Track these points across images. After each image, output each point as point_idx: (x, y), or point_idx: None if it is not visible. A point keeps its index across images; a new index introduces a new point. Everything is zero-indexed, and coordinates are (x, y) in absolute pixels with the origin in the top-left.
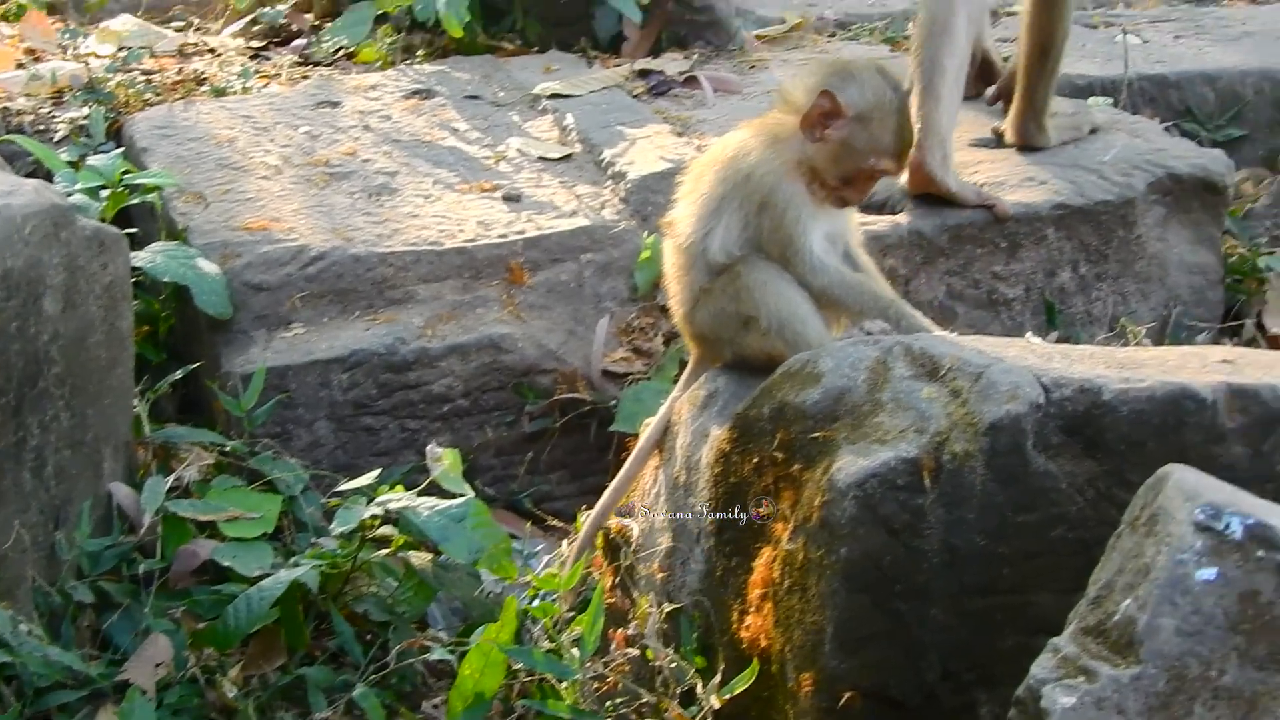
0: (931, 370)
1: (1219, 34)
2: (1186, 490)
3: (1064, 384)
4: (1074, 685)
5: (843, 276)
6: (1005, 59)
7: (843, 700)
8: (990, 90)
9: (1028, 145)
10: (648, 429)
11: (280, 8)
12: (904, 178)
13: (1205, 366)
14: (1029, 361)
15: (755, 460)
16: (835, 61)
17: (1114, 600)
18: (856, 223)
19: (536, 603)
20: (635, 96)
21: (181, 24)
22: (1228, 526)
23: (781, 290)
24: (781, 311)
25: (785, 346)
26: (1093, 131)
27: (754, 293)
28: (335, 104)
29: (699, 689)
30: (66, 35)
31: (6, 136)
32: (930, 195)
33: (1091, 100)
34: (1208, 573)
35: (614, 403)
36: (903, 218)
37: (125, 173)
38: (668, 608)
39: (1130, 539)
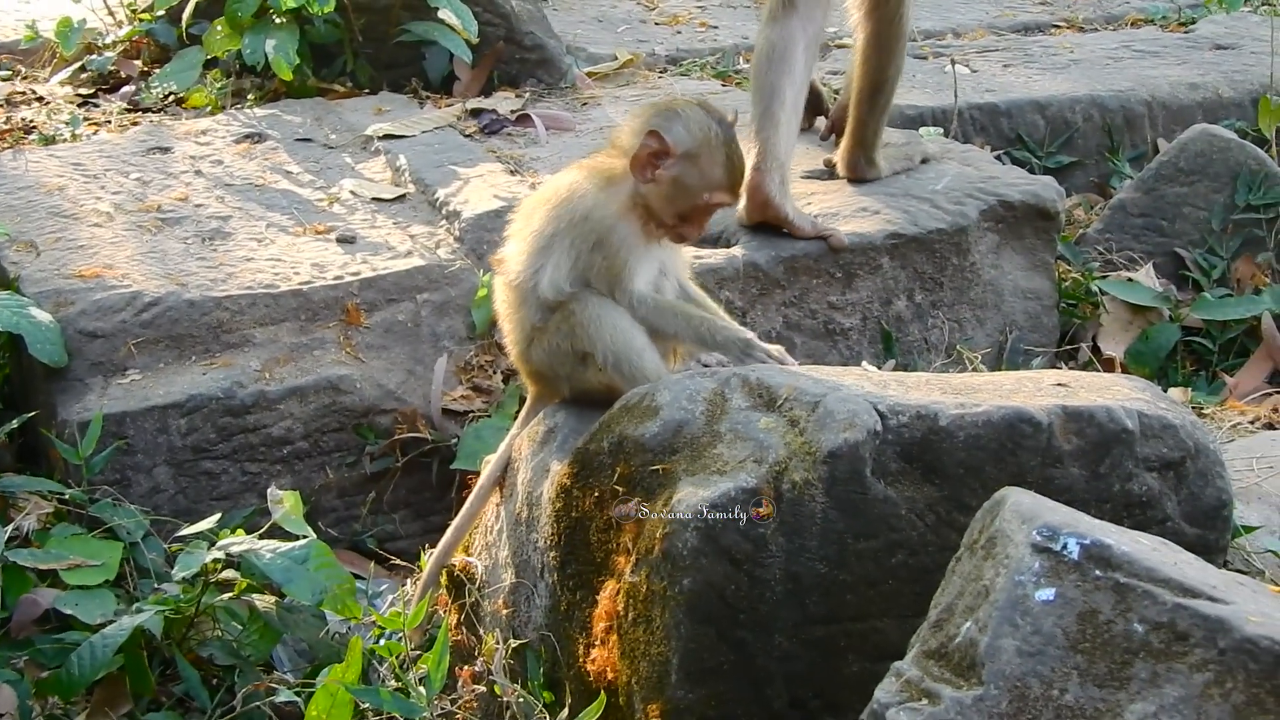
0: (769, 400)
1: (1047, 62)
2: (1023, 512)
3: (901, 411)
4: (917, 708)
5: (657, 303)
6: (835, 92)
7: None
8: (822, 122)
9: (860, 178)
10: (488, 466)
11: (109, 55)
12: (741, 205)
13: (1040, 390)
14: (866, 389)
15: (596, 494)
16: (660, 102)
17: (955, 623)
18: (686, 257)
19: (382, 642)
20: (468, 136)
21: (8, 72)
22: (1064, 547)
23: (615, 324)
24: (616, 346)
25: (622, 380)
26: (924, 161)
27: (588, 328)
28: (166, 150)
29: None
30: None
31: None
32: (766, 225)
33: (923, 130)
34: (1046, 593)
35: (455, 441)
36: (737, 250)
37: None
38: (514, 643)
39: (969, 562)
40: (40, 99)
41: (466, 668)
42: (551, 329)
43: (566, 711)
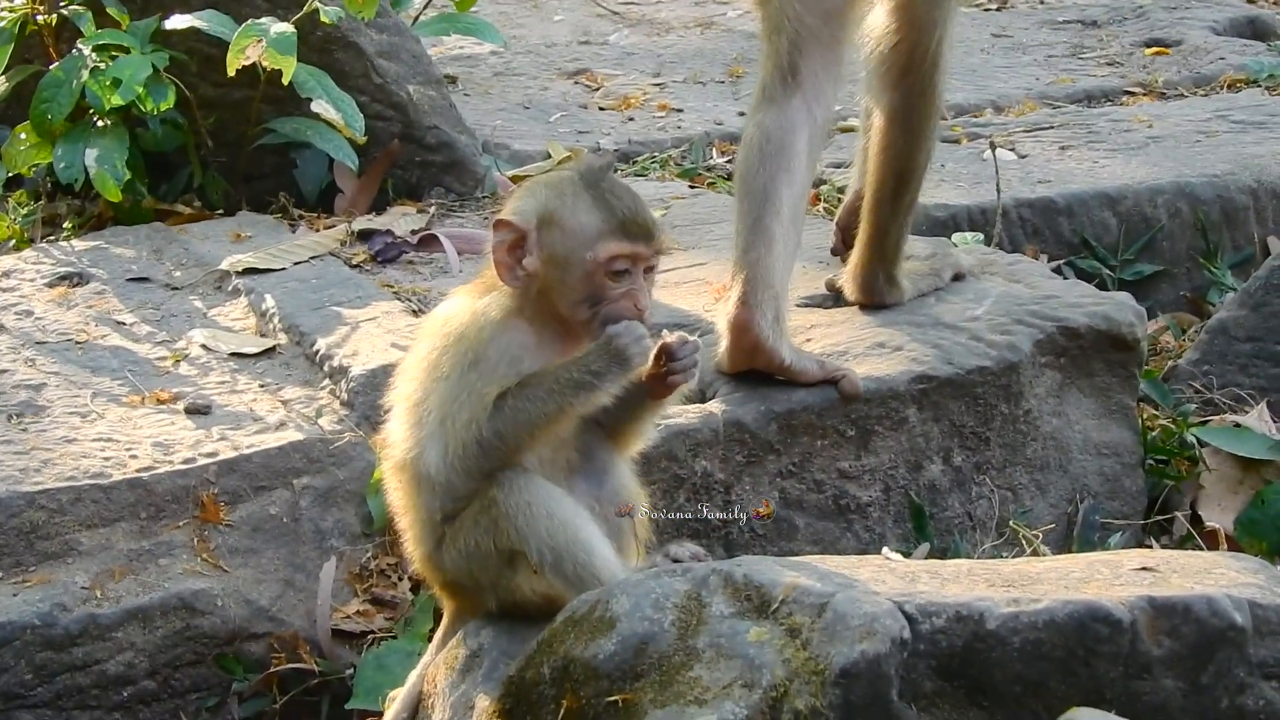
0: (760, 604)
1: (1118, 141)
2: None
3: (935, 612)
4: None
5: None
6: (840, 191)
7: None
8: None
9: (877, 303)
10: (394, 705)
11: None
12: (723, 347)
13: (1119, 578)
14: (888, 585)
15: None
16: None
17: None
18: None
19: None
20: (355, 266)
21: None
22: None
23: (553, 511)
24: (556, 540)
25: (565, 585)
26: (958, 278)
27: (515, 519)
28: None
29: None
30: None
31: None
32: (755, 371)
33: (956, 237)
34: None
35: (350, 672)
36: (715, 406)
37: None
38: None
39: None
40: None
41: None
42: (466, 524)
43: None
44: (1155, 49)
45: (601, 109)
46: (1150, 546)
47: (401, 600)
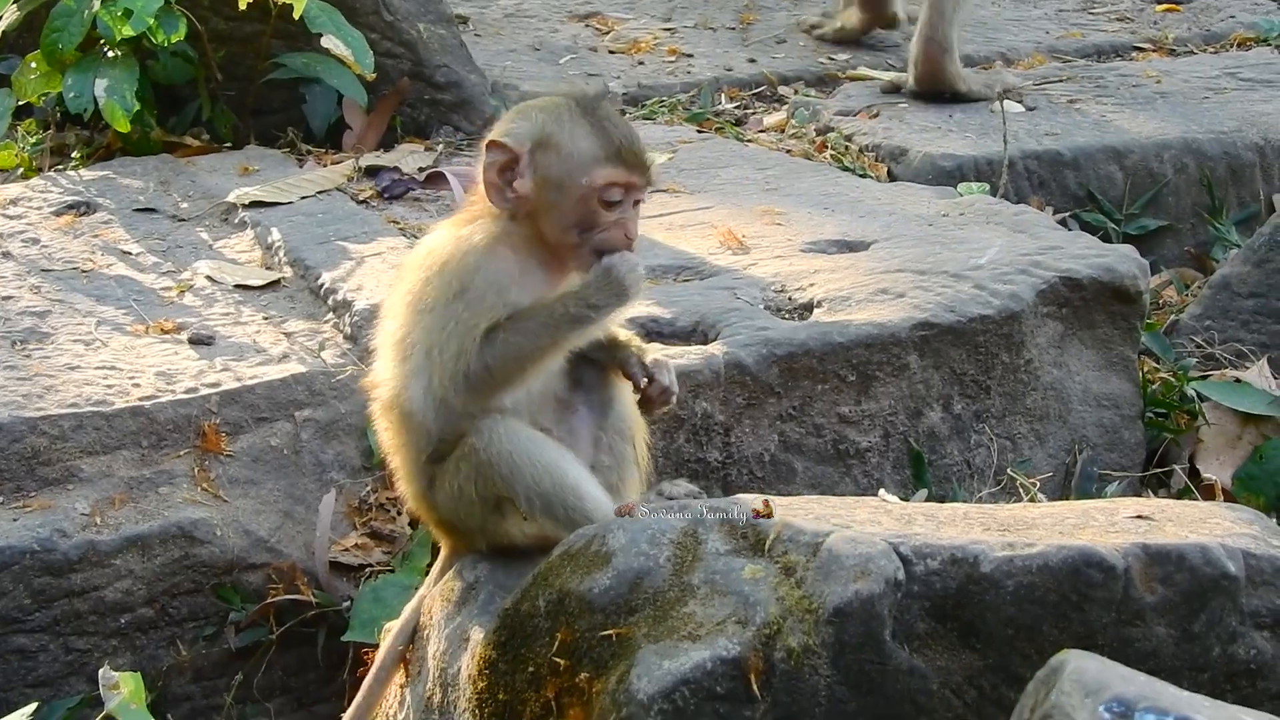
0: (755, 542)
1: (1126, 96)
2: (1087, 682)
3: (930, 554)
4: None
5: (505, 335)
6: (848, 139)
7: None
8: None
9: (939, 79)
10: (390, 636)
11: None
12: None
13: (1114, 525)
14: (883, 526)
15: (530, 669)
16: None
17: None
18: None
19: None
20: (362, 202)
21: None
22: None
23: (537, 456)
24: (543, 485)
25: (557, 527)
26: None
27: (498, 468)
28: None
29: None
30: None
31: None
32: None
33: (962, 187)
34: None
35: (347, 605)
36: (717, 348)
37: None
38: None
39: None
40: None
41: None
42: (450, 470)
43: None
44: (1166, 5)
45: (611, 53)
46: (1146, 497)
47: (399, 534)
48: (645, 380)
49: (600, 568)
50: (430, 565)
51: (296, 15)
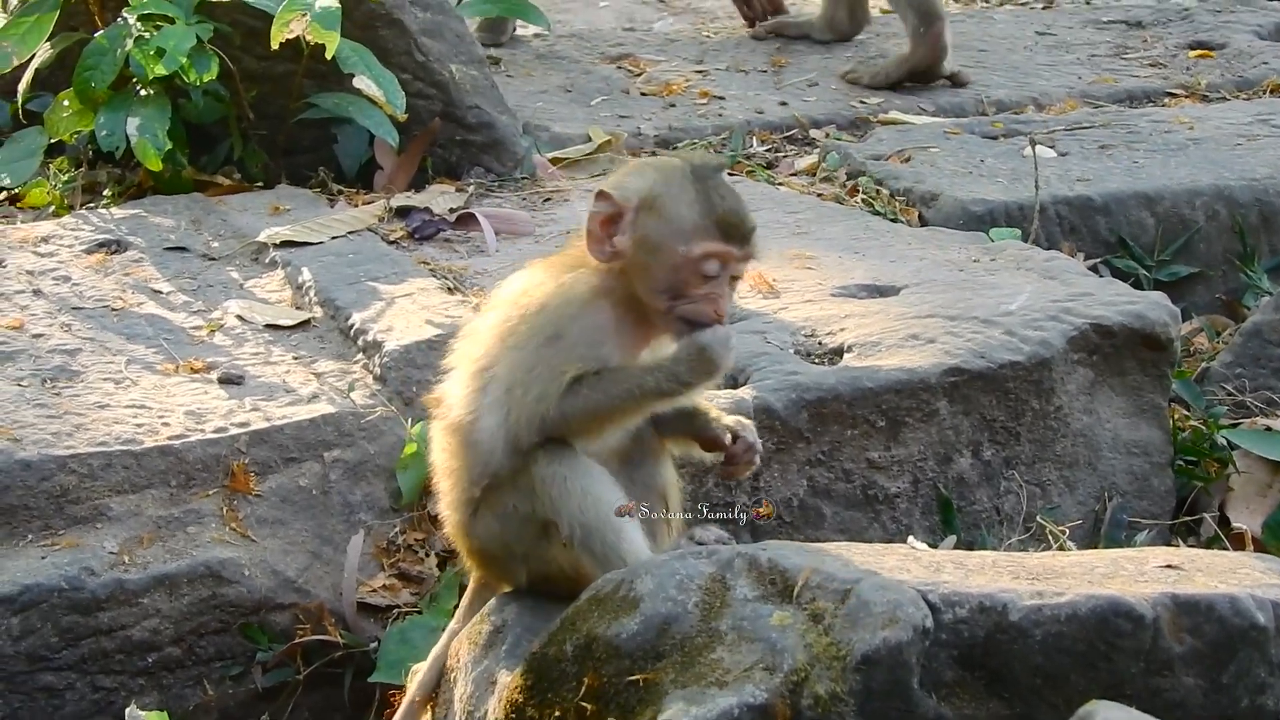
0: (784, 588)
1: (1158, 142)
2: None
3: (958, 602)
4: None
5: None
6: (879, 183)
7: None
8: None
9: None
10: (417, 678)
11: None
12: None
13: (1143, 574)
14: (912, 574)
15: (557, 714)
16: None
17: None
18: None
19: None
20: (393, 243)
21: None
22: None
23: (588, 488)
24: (588, 516)
25: (593, 562)
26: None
27: (550, 489)
28: None
29: None
30: None
31: None
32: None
33: (994, 232)
34: None
35: (374, 646)
36: (746, 392)
37: None
38: None
39: None
40: None
41: None
42: (505, 489)
43: None
44: (1199, 51)
45: (643, 94)
46: (1176, 546)
47: (427, 576)
48: (730, 439)
49: (628, 613)
50: (458, 606)
51: (329, 55)
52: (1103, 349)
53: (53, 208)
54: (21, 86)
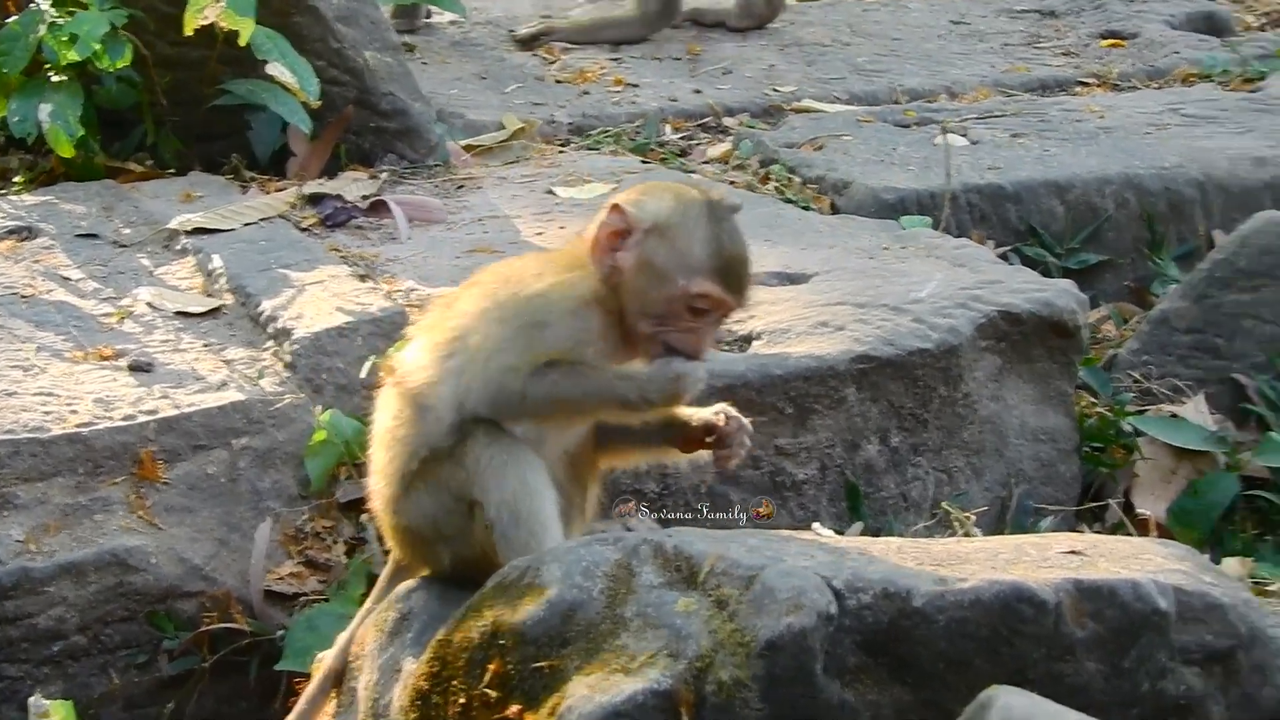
0: (689, 575)
1: (1069, 131)
2: (1015, 718)
3: (862, 588)
4: None
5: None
6: (790, 170)
7: None
8: None
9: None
10: (322, 665)
11: None
12: None
13: (1047, 560)
14: (816, 560)
15: (462, 701)
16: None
17: None
18: None
19: None
20: (304, 230)
21: None
22: None
23: (524, 478)
24: (518, 505)
25: (508, 549)
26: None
27: (484, 468)
28: None
29: None
30: None
31: None
32: None
33: (904, 220)
34: None
35: (281, 633)
36: None
37: None
38: None
39: None
40: None
41: None
42: (443, 462)
43: None
44: (1111, 41)
45: (558, 82)
46: (1081, 532)
47: (335, 563)
48: (723, 420)
49: (534, 599)
50: (366, 595)
51: (243, 42)
52: (1011, 336)
53: None
54: None
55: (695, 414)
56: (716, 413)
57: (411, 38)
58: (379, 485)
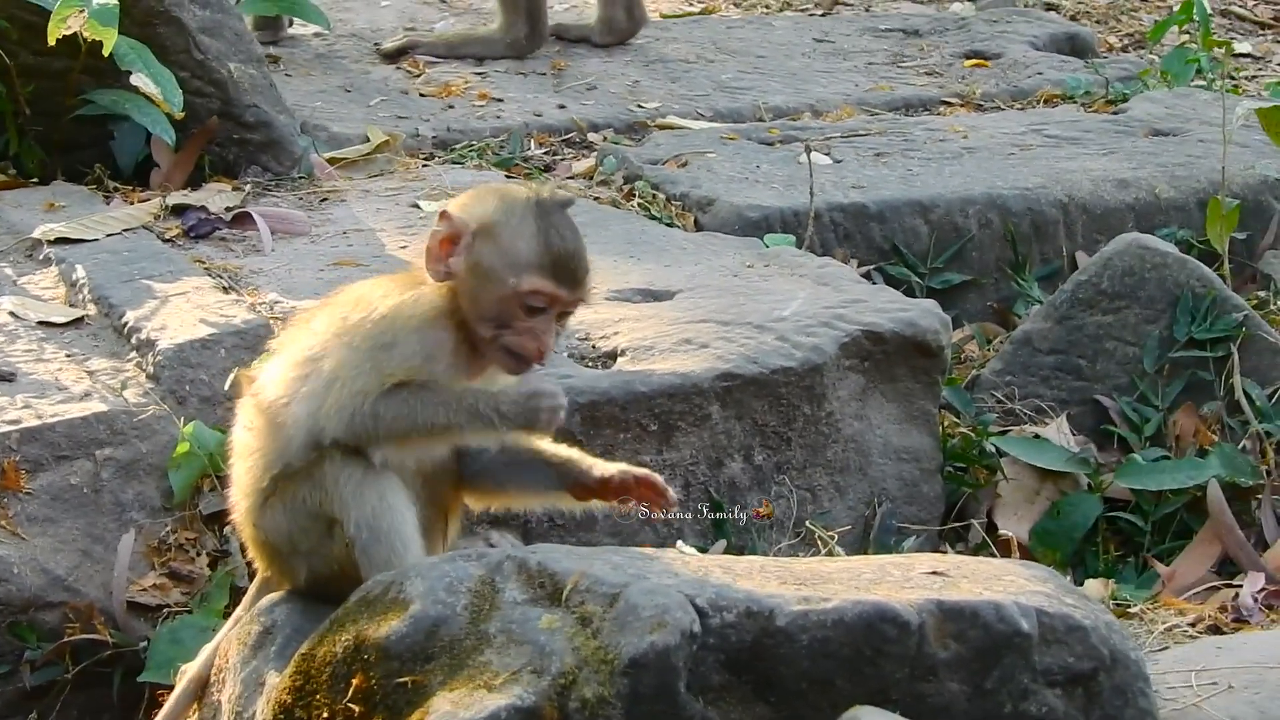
0: (553, 592)
1: (933, 151)
2: None
3: (726, 606)
4: None
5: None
6: (655, 187)
7: None
8: None
9: None
10: (184, 677)
11: None
12: None
13: (910, 581)
14: (680, 578)
15: (325, 715)
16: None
17: None
18: None
19: None
20: (168, 241)
21: None
22: None
23: (383, 495)
24: (378, 522)
25: (369, 566)
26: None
27: (343, 487)
28: None
29: None
30: None
31: None
32: None
33: (768, 238)
34: None
35: (144, 645)
36: None
37: None
38: None
39: None
40: None
41: None
42: (298, 480)
43: None
44: (975, 61)
45: (422, 95)
46: (944, 552)
47: (198, 575)
48: (610, 475)
49: (397, 614)
50: (230, 608)
51: (106, 52)
52: (874, 355)
53: None
54: None
55: (592, 466)
56: (623, 473)
57: (275, 49)
58: (237, 497)
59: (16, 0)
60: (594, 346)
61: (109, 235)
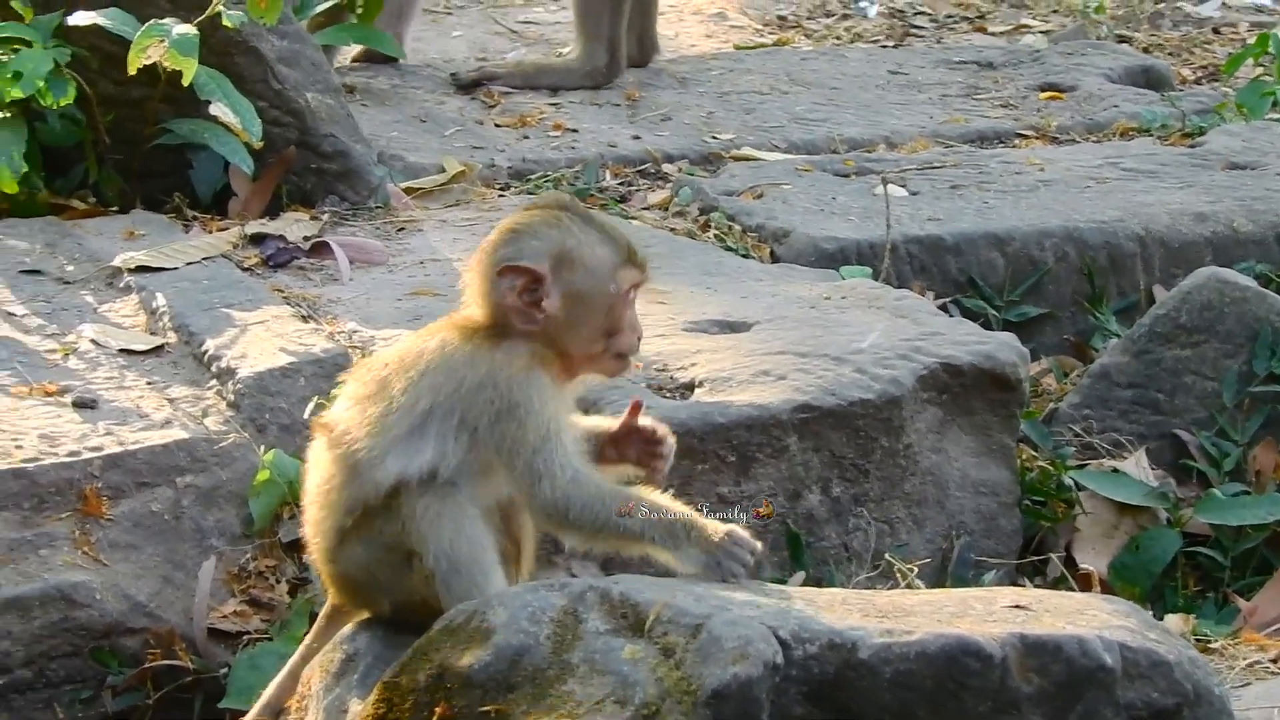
0: (636, 623)
1: (1009, 183)
2: None
3: (808, 638)
4: None
5: (599, 485)
6: (731, 219)
7: None
8: None
9: None
10: (259, 703)
11: None
12: None
13: (992, 614)
14: (762, 609)
15: None
16: (487, 241)
17: None
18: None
19: None
20: (247, 269)
21: None
22: None
23: (463, 527)
24: (458, 554)
25: (449, 597)
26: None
27: (421, 522)
28: None
29: None
30: None
31: None
32: None
33: (844, 270)
34: None
35: (224, 671)
36: None
37: None
38: None
39: None
40: None
41: None
42: (376, 515)
43: None
44: (1050, 93)
45: (497, 125)
46: (1023, 586)
47: (278, 602)
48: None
49: (480, 644)
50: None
51: (186, 82)
52: (952, 388)
53: None
54: None
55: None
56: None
57: (352, 78)
58: (313, 531)
59: (98, 31)
60: (672, 378)
61: (188, 264)
